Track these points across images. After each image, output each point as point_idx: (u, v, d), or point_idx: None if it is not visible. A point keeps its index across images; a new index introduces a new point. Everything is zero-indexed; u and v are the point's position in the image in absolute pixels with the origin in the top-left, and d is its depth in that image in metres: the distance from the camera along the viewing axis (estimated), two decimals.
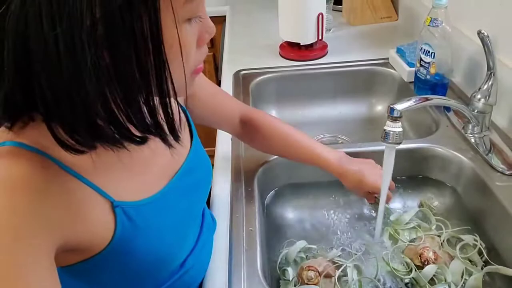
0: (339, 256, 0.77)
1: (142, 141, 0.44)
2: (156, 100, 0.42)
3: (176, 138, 0.46)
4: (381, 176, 0.76)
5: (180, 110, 0.63)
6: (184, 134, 0.63)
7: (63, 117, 0.39)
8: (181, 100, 0.66)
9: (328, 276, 0.73)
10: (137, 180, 0.53)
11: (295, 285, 0.73)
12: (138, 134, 0.43)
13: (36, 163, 0.42)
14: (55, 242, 0.42)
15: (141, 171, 0.54)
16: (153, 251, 0.54)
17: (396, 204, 0.91)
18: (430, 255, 0.73)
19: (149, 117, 0.42)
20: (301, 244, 0.79)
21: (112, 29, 0.36)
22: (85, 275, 0.51)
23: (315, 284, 0.71)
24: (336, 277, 0.72)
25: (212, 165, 0.90)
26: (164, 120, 0.44)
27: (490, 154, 0.86)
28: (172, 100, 0.43)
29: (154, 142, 0.55)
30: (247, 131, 0.83)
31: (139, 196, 0.53)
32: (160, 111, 0.43)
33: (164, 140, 0.45)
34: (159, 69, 0.40)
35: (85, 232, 0.46)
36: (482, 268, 0.74)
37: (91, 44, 0.35)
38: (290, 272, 0.74)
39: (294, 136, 0.82)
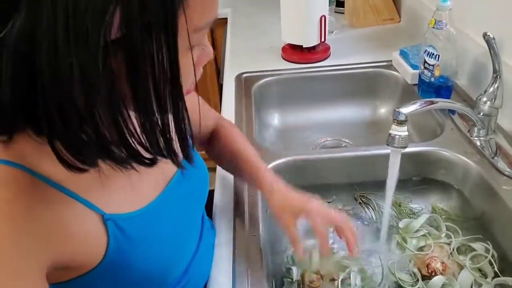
0: (345, 259, 0.76)
1: (152, 163, 0.44)
2: (172, 124, 0.42)
3: (190, 160, 0.46)
4: (319, 205, 0.65)
5: None
6: None
7: (70, 138, 0.38)
8: None
9: (331, 279, 0.72)
10: (129, 191, 0.52)
11: (298, 286, 0.72)
12: (148, 155, 0.43)
13: (23, 183, 0.41)
14: (44, 262, 0.41)
15: (134, 181, 0.53)
16: (150, 263, 0.53)
17: (403, 206, 0.90)
18: (438, 265, 0.72)
19: (162, 141, 0.42)
20: (308, 243, 0.78)
21: (130, 53, 0.35)
22: None
23: (317, 287, 0.70)
24: (339, 281, 0.71)
25: (214, 168, 0.89)
26: (178, 143, 0.44)
27: (496, 158, 0.85)
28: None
29: None
30: (210, 138, 0.80)
31: (131, 207, 0.52)
32: (174, 135, 0.43)
33: (176, 163, 0.45)
34: (175, 95, 0.40)
35: (76, 249, 0.45)
36: (493, 279, 0.72)
37: (106, 70, 0.35)
38: (295, 272, 0.74)
39: (243, 153, 0.75)
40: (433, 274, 0.72)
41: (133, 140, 0.40)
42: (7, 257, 0.38)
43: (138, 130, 0.40)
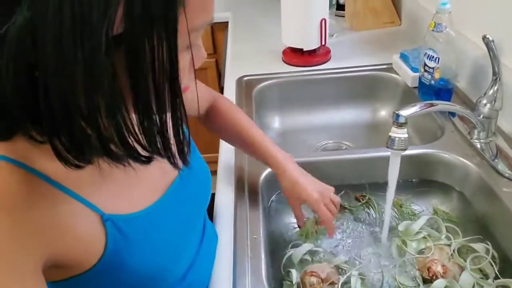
0: (345, 262, 0.76)
1: (148, 160, 0.44)
2: (169, 123, 0.42)
3: (185, 161, 0.46)
4: (319, 191, 0.75)
5: None
6: None
7: (71, 134, 0.38)
8: None
9: (331, 283, 0.72)
10: (130, 192, 0.52)
11: None
12: (144, 153, 0.43)
13: (20, 178, 0.41)
14: (40, 257, 0.41)
15: (134, 183, 0.53)
16: (148, 265, 0.53)
17: (404, 207, 0.90)
18: (439, 269, 0.72)
19: (160, 140, 0.42)
20: (307, 246, 0.78)
21: (131, 49, 0.36)
22: None
23: None
24: (340, 284, 0.71)
25: (215, 171, 0.89)
26: (175, 143, 0.44)
27: (496, 160, 0.85)
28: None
29: None
30: (208, 114, 0.85)
31: (132, 208, 0.52)
32: (171, 134, 0.43)
33: (173, 163, 0.45)
34: (174, 92, 0.40)
35: (74, 247, 0.45)
36: (494, 280, 0.71)
37: (108, 65, 0.35)
38: (294, 274, 0.73)
39: (249, 131, 0.81)
40: (434, 277, 0.71)
41: (131, 138, 0.40)
42: (3, 249, 0.39)
43: (137, 128, 0.40)
